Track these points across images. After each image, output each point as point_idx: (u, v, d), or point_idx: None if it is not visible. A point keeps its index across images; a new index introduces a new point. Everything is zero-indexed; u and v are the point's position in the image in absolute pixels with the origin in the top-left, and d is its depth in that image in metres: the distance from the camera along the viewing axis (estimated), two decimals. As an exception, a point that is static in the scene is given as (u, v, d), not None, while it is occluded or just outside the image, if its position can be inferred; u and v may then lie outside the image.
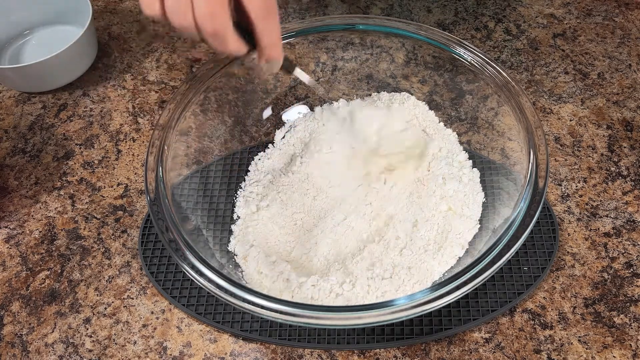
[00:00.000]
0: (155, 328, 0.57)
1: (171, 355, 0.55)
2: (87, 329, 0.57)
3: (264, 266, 0.56)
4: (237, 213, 0.62)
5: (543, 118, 0.69)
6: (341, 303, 0.53)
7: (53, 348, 0.56)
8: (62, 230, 0.64)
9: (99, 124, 0.72)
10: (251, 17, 0.46)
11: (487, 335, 0.55)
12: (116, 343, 0.56)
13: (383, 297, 0.54)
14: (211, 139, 0.65)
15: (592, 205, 0.62)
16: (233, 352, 0.55)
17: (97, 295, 0.59)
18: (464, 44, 0.62)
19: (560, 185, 0.64)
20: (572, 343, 0.54)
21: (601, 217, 0.62)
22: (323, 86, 0.69)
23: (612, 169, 0.65)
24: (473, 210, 0.59)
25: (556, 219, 0.61)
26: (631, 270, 0.58)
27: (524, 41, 0.77)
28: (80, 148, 0.70)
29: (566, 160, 0.66)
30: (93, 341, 0.56)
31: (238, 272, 0.56)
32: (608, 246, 0.60)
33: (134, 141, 0.70)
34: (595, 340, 0.54)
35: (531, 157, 0.54)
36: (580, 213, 0.62)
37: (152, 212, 0.53)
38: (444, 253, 0.56)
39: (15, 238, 0.63)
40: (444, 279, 0.49)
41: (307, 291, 0.54)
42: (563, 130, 0.68)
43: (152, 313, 0.58)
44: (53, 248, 0.63)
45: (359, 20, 0.66)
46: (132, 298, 0.59)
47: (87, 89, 0.76)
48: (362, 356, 0.54)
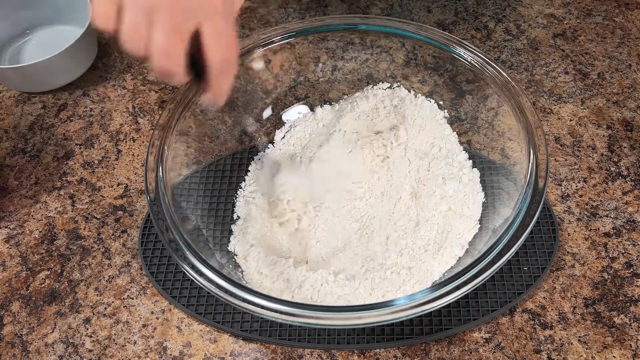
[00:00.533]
0: (155, 328, 0.57)
1: (171, 355, 0.55)
2: (87, 329, 0.57)
3: (264, 266, 0.56)
4: (237, 213, 0.62)
5: (543, 118, 0.69)
6: (341, 303, 0.53)
7: (53, 348, 0.56)
8: (62, 230, 0.64)
9: (99, 124, 0.72)
10: (208, 67, 0.44)
11: (487, 335, 0.55)
12: (116, 343, 0.56)
13: (383, 297, 0.54)
14: (211, 139, 0.65)
15: (592, 205, 0.62)
16: (233, 352, 0.55)
17: (97, 295, 0.59)
18: (464, 44, 0.62)
19: (560, 185, 0.64)
20: (572, 343, 0.54)
21: (601, 217, 0.62)
22: (323, 86, 0.70)
23: (612, 169, 0.65)
24: (473, 210, 0.59)
25: (556, 219, 0.61)
26: (631, 270, 0.58)
27: (524, 41, 0.77)
28: (80, 148, 0.70)
29: (566, 160, 0.66)
30: (93, 341, 0.56)
31: (238, 272, 0.56)
32: (608, 246, 0.60)
33: (134, 141, 0.70)
34: (595, 340, 0.54)
35: (531, 157, 0.54)
36: (580, 213, 0.62)
37: (152, 212, 0.53)
38: (444, 253, 0.56)
39: (15, 238, 0.63)
40: (444, 279, 0.49)
41: (307, 291, 0.54)
42: (563, 130, 0.68)
43: (152, 313, 0.58)
44: (53, 248, 0.63)
45: (359, 20, 0.66)
46: (132, 298, 0.59)
47: (87, 89, 0.76)
48: (362, 356, 0.54)
